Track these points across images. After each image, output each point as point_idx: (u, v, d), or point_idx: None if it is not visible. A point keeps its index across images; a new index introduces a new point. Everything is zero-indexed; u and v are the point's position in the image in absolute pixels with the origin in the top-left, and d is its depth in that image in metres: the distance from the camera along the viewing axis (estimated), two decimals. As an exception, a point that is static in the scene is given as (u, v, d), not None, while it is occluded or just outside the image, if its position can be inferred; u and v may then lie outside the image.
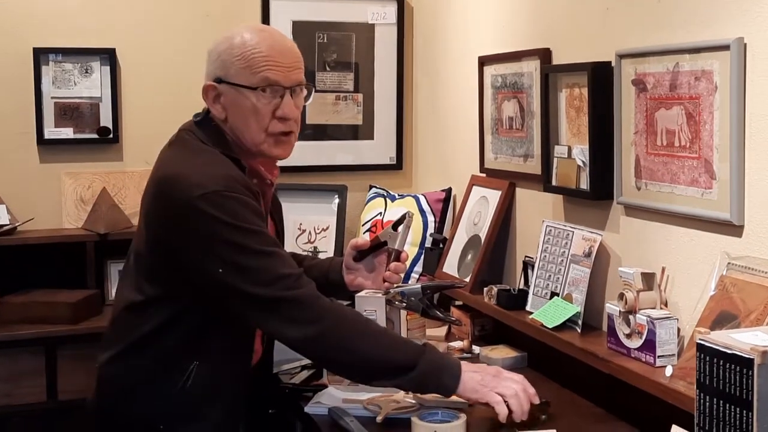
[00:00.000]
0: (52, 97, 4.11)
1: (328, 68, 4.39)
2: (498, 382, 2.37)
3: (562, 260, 2.91)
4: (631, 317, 2.49)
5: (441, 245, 3.72)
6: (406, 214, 2.72)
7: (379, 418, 2.50)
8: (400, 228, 2.70)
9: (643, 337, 2.44)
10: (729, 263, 2.28)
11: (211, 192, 2.22)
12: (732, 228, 2.31)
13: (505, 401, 2.33)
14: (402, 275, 2.75)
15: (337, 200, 4.20)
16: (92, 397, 2.47)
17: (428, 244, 3.79)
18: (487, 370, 2.43)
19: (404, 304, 2.73)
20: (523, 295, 3.09)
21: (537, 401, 2.40)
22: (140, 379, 2.35)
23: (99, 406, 2.44)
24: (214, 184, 2.24)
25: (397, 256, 2.70)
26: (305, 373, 2.93)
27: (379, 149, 4.48)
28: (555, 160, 3.02)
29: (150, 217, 2.36)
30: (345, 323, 2.31)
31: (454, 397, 2.58)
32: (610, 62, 2.74)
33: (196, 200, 2.21)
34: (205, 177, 2.25)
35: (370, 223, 4.05)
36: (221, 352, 2.36)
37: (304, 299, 2.26)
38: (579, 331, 2.77)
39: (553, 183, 3.04)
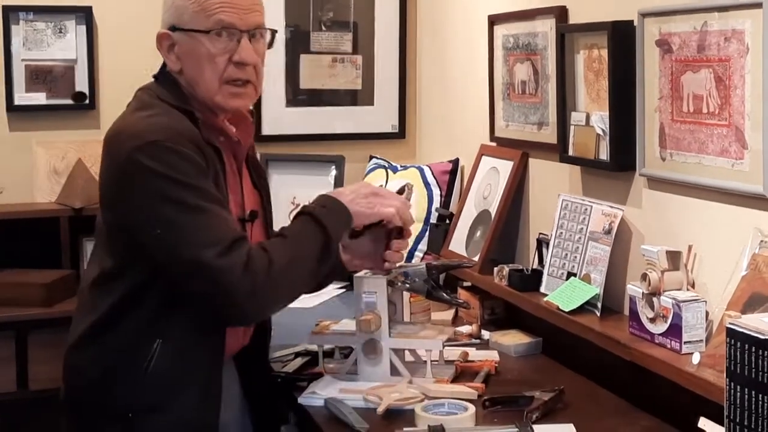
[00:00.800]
0: (23, 60, 4.10)
1: (323, 28, 4.37)
2: (381, 200, 2.54)
3: (580, 237, 2.91)
4: (654, 300, 2.49)
5: (447, 221, 3.71)
6: (405, 186, 2.71)
7: (379, 410, 2.50)
8: (401, 201, 2.69)
9: (668, 322, 2.44)
10: (762, 241, 2.28)
11: (147, 143, 2.23)
12: (765, 202, 2.30)
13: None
14: (404, 253, 2.74)
15: (334, 172, 4.19)
16: (61, 386, 2.47)
17: (433, 219, 3.79)
18: (359, 192, 2.54)
19: (407, 286, 2.73)
20: (537, 275, 3.09)
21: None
22: (104, 365, 2.34)
23: (67, 396, 2.45)
24: (152, 134, 2.24)
25: (399, 232, 2.68)
26: (299, 361, 2.93)
27: (379, 116, 4.47)
28: (572, 127, 3.01)
29: (99, 180, 2.39)
30: (276, 277, 2.29)
31: (462, 389, 2.59)
32: (632, 21, 2.73)
33: (132, 152, 2.22)
34: (143, 128, 2.27)
35: (369, 197, 4.03)
36: (186, 332, 2.33)
37: (237, 268, 2.21)
38: (598, 314, 2.77)
39: (570, 153, 3.03)
